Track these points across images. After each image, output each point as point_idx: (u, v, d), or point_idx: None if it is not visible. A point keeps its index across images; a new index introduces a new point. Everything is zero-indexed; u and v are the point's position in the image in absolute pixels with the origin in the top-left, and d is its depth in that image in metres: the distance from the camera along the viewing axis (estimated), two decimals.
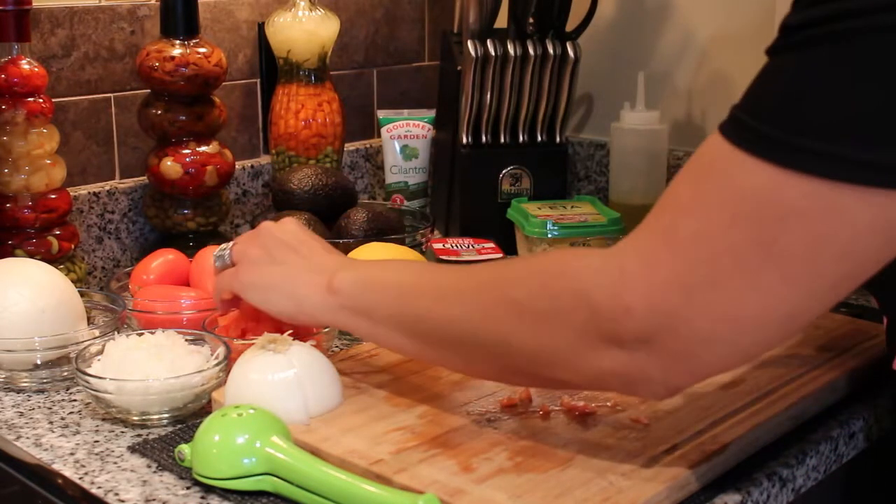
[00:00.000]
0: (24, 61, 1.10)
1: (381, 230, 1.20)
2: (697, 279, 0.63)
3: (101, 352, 0.91)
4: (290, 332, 0.90)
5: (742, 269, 0.62)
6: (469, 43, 1.34)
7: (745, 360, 0.68)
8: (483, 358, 0.76)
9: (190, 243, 1.26)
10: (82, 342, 0.94)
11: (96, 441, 0.86)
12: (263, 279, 0.88)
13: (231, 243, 0.94)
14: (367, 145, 1.58)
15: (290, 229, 0.91)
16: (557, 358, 0.70)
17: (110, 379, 0.86)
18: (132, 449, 0.84)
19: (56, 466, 0.81)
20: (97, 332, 0.96)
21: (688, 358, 0.65)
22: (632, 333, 0.65)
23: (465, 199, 1.40)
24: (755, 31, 1.36)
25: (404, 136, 1.48)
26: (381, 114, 1.51)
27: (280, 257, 0.88)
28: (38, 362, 0.96)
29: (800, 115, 0.60)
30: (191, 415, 0.89)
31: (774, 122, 0.61)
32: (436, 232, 1.41)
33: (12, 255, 1.10)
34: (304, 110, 1.36)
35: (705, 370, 0.67)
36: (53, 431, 0.87)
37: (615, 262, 0.66)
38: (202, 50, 1.24)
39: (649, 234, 0.66)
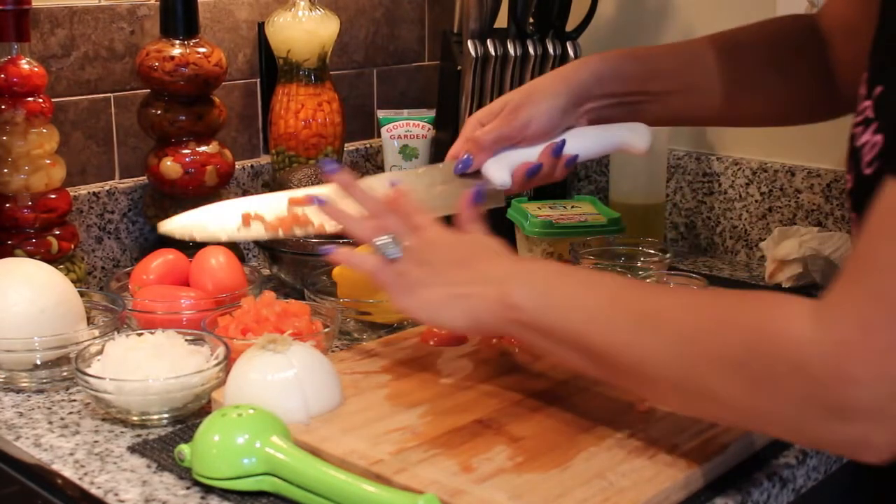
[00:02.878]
0: (23, 61, 1.10)
1: None
2: None
3: (100, 352, 0.90)
4: (290, 332, 0.90)
5: None
6: (469, 43, 1.34)
7: None
8: (681, 399, 0.73)
9: (190, 243, 1.26)
10: (82, 342, 0.94)
11: (96, 441, 0.86)
12: (432, 301, 0.84)
13: (394, 240, 0.88)
14: (367, 145, 1.58)
15: (457, 242, 0.88)
16: (772, 420, 0.68)
17: (110, 379, 0.86)
18: (132, 449, 0.84)
19: (56, 466, 0.81)
20: (97, 332, 0.96)
21: None
22: (859, 405, 0.62)
23: None
24: None
25: (404, 136, 1.48)
26: (381, 114, 1.51)
27: (446, 278, 0.85)
28: (38, 362, 0.96)
29: None
30: (191, 415, 0.89)
31: None
32: None
33: (12, 255, 1.10)
34: (304, 110, 1.35)
35: None
36: (53, 431, 0.87)
37: (829, 332, 0.63)
38: (202, 50, 1.24)
39: (858, 298, 0.63)
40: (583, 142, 1.02)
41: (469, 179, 1.02)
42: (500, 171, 1.01)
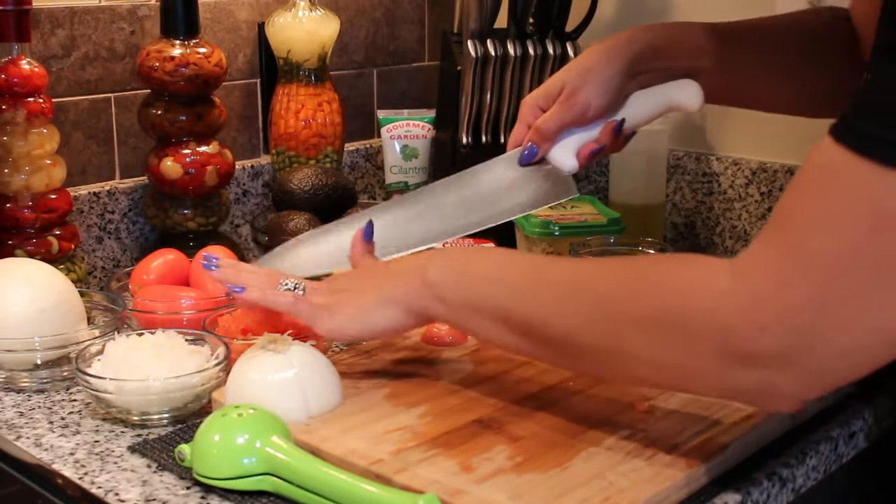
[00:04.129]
0: (24, 61, 1.10)
1: None
2: (835, 295, 0.62)
3: (101, 352, 0.91)
4: (290, 332, 0.90)
5: (885, 281, 0.61)
6: (469, 43, 1.34)
7: (878, 367, 0.66)
8: (602, 365, 0.75)
9: (190, 243, 1.26)
10: (82, 342, 0.94)
11: (96, 441, 0.86)
12: (359, 311, 0.85)
13: (298, 281, 0.91)
14: (367, 145, 1.58)
15: (358, 269, 0.91)
16: (687, 373, 0.69)
17: (110, 379, 0.86)
18: (132, 449, 0.84)
19: (56, 466, 0.81)
20: (97, 332, 0.96)
21: (825, 372, 0.65)
22: (768, 353, 0.64)
23: None
24: None
25: (404, 136, 1.48)
26: (381, 114, 1.51)
27: (363, 287, 0.86)
28: (38, 362, 0.96)
29: None
30: (191, 415, 0.89)
31: None
32: None
33: (12, 255, 1.10)
34: (304, 110, 1.36)
35: (841, 381, 0.66)
36: (53, 431, 0.87)
37: (745, 283, 0.65)
38: (202, 50, 1.24)
39: (777, 252, 0.64)
40: (636, 111, 1.01)
41: (533, 168, 1.02)
42: (566, 156, 1.00)
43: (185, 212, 1.28)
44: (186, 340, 0.92)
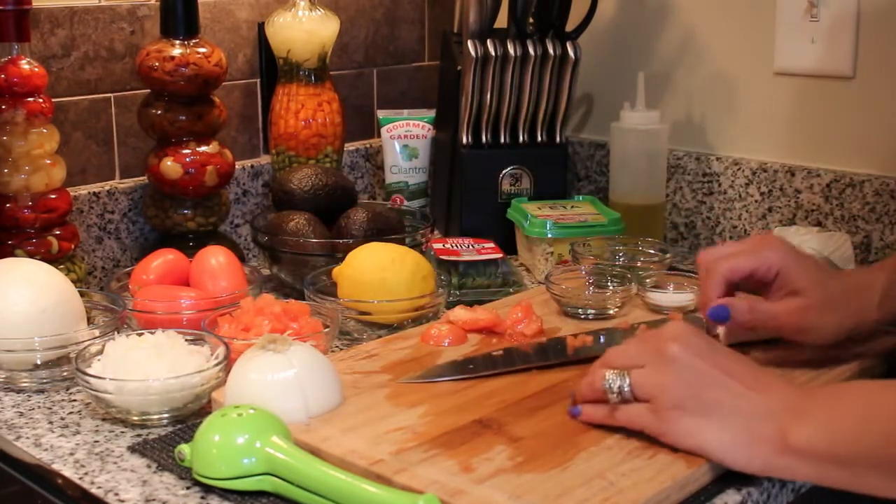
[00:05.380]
0: (23, 61, 1.10)
1: (381, 230, 1.20)
2: None
3: (101, 352, 0.91)
4: (290, 332, 0.90)
5: None
6: (469, 43, 1.34)
7: None
8: None
9: (190, 243, 1.26)
10: (82, 342, 0.94)
11: (96, 441, 0.86)
12: (696, 432, 0.76)
13: (618, 362, 0.81)
14: (367, 145, 1.58)
15: (702, 349, 0.79)
16: None
17: (110, 379, 0.86)
18: (132, 449, 0.84)
19: (56, 466, 0.81)
20: (97, 332, 0.96)
21: None
22: None
23: (465, 199, 1.40)
24: (755, 31, 1.36)
25: (404, 136, 1.48)
26: (381, 114, 1.51)
27: (709, 397, 0.77)
28: (38, 362, 0.96)
29: None
30: (191, 415, 0.89)
31: None
32: (436, 232, 1.41)
33: (12, 255, 1.10)
34: (304, 110, 1.35)
35: None
36: (53, 431, 0.87)
37: None
38: (202, 50, 1.24)
39: None
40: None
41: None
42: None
43: (185, 212, 1.28)
44: (186, 340, 0.92)
